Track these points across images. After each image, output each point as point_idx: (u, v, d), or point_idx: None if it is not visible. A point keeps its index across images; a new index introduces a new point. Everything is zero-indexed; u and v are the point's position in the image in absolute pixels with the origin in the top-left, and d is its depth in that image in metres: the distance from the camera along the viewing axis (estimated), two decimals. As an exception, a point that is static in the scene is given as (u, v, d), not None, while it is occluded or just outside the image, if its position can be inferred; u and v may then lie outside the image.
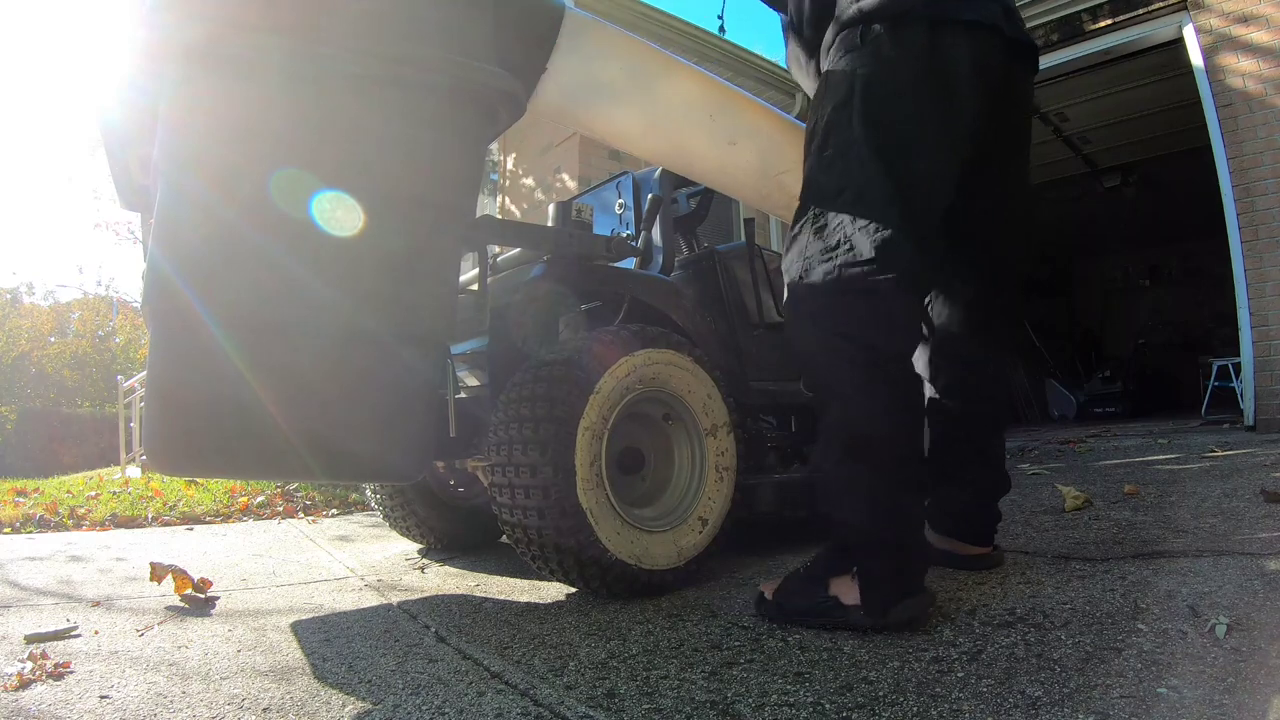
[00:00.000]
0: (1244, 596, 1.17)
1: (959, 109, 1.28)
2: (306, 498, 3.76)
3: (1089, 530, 1.80)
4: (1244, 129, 4.04)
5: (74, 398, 16.66)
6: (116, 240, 21.23)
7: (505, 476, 1.51)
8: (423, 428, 1.35)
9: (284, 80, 1.19)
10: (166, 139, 1.21)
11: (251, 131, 1.19)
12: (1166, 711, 0.83)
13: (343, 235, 1.18)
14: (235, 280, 1.17)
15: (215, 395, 1.16)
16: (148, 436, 1.24)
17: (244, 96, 1.19)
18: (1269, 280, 3.99)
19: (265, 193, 1.15)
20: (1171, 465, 2.87)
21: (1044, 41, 4.81)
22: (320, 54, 1.19)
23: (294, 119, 1.20)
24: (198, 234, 1.17)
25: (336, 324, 1.20)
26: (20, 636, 1.39)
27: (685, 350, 1.69)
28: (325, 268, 1.19)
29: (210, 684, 1.14)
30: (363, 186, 1.21)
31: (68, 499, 3.72)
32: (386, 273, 1.24)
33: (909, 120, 1.26)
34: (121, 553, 2.46)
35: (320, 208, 1.17)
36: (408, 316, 1.27)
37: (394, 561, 2.24)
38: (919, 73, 1.26)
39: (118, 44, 1.29)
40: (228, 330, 1.15)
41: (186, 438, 1.20)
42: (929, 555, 1.32)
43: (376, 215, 1.21)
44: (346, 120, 1.22)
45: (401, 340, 1.26)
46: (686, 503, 1.69)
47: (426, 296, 1.29)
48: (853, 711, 0.90)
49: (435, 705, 1.02)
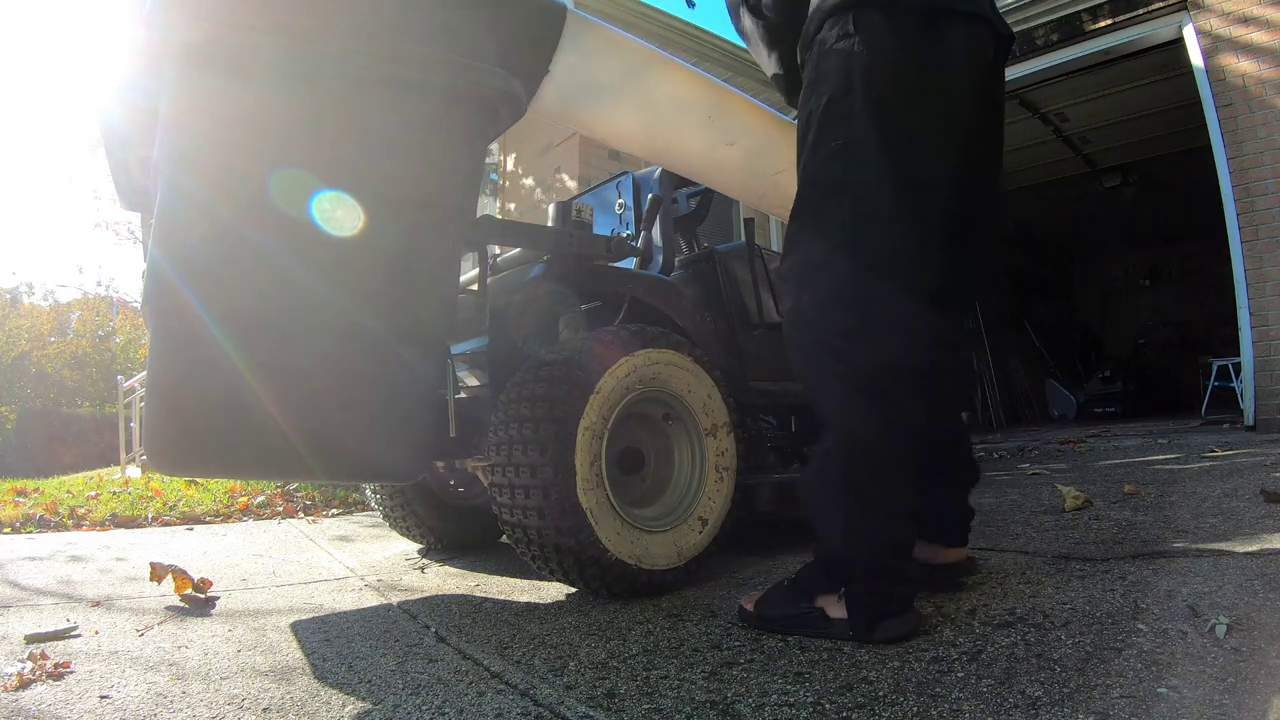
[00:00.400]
0: (1244, 596, 1.17)
1: (958, 105, 1.23)
2: (306, 498, 3.76)
3: (1089, 530, 1.80)
4: (1244, 129, 4.05)
5: (74, 398, 16.66)
6: (116, 240, 21.25)
7: (505, 476, 1.51)
8: (423, 428, 1.35)
9: (283, 80, 1.19)
10: (166, 139, 1.21)
11: (252, 131, 1.19)
12: (1166, 711, 0.83)
13: (343, 235, 1.18)
14: (235, 280, 1.17)
15: (216, 395, 1.16)
16: (148, 436, 1.24)
17: (243, 96, 1.19)
18: (1269, 280, 3.99)
19: (266, 193, 1.15)
20: (1171, 465, 2.87)
21: (1044, 41, 4.81)
22: (320, 54, 1.19)
23: (293, 119, 1.20)
24: (197, 234, 1.17)
25: (338, 324, 1.20)
26: (20, 636, 1.39)
27: (685, 350, 1.69)
28: (326, 268, 1.19)
29: (210, 684, 1.14)
30: (363, 186, 1.21)
31: (68, 499, 3.72)
32: (387, 273, 1.24)
33: (913, 116, 1.20)
34: (121, 553, 2.46)
35: (321, 208, 1.17)
36: (408, 317, 1.27)
37: (394, 561, 2.24)
38: (919, 66, 1.20)
39: (117, 44, 1.29)
40: (228, 330, 1.15)
41: (186, 437, 1.20)
42: (918, 576, 1.25)
43: (376, 215, 1.21)
44: (346, 120, 1.22)
45: (402, 340, 1.26)
46: (686, 503, 1.69)
47: (427, 297, 1.29)
48: (853, 711, 0.90)
49: (435, 705, 1.02)
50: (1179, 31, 4.39)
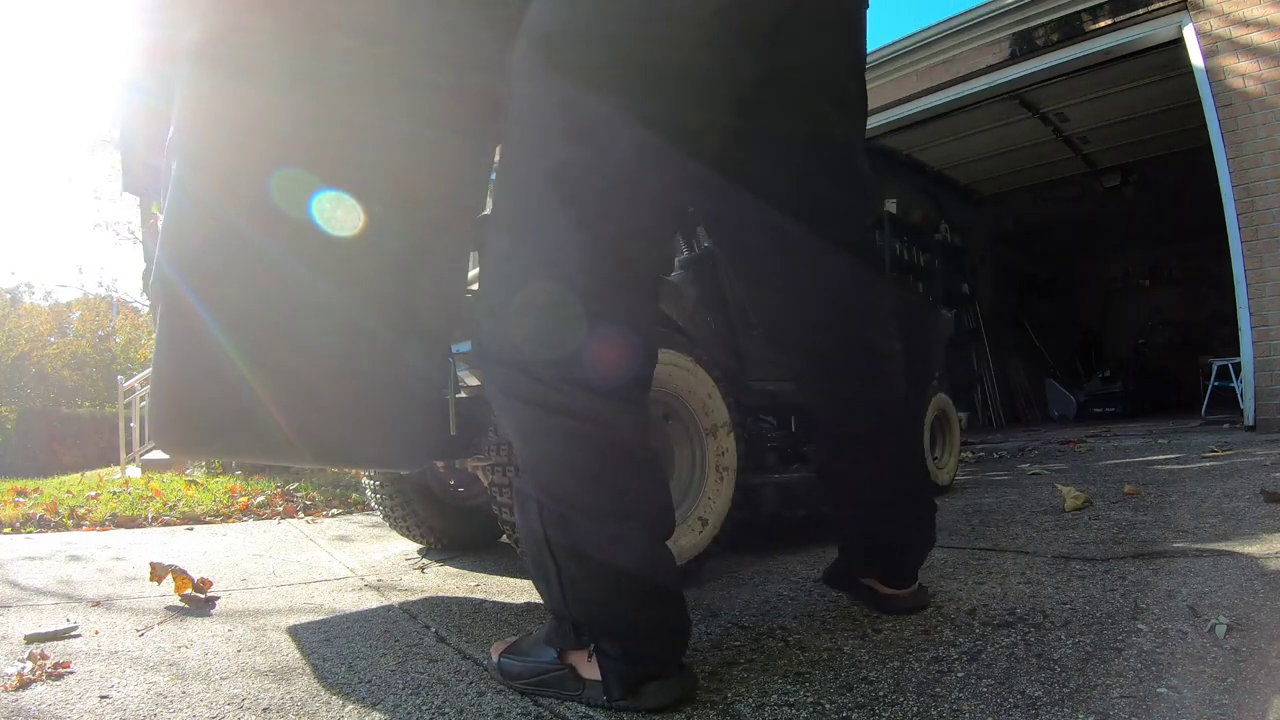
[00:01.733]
0: (1244, 596, 1.17)
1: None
2: (306, 498, 3.76)
3: (1089, 530, 1.80)
4: (1244, 129, 4.05)
5: (74, 398, 16.66)
6: (116, 240, 21.23)
7: (505, 476, 1.51)
8: (424, 417, 1.34)
9: (289, 79, 1.19)
10: (175, 139, 1.21)
11: (257, 131, 1.19)
12: (1166, 711, 0.83)
13: (352, 234, 1.18)
14: (240, 278, 1.17)
15: (219, 389, 1.16)
16: (152, 417, 1.24)
17: (249, 96, 1.19)
18: (1269, 280, 3.99)
19: (269, 192, 1.15)
20: (1171, 465, 2.87)
21: (1044, 41, 4.82)
22: (325, 52, 1.19)
23: (298, 118, 1.20)
24: (203, 233, 1.17)
25: (344, 319, 1.20)
26: (20, 636, 1.39)
27: (685, 350, 1.69)
28: (333, 267, 1.19)
29: (210, 684, 1.14)
30: (372, 186, 1.21)
31: (68, 499, 3.72)
32: (394, 272, 1.24)
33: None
34: (121, 553, 2.46)
35: (327, 207, 1.17)
36: (414, 314, 1.27)
37: (394, 561, 2.24)
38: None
39: (123, 44, 1.29)
40: (232, 329, 1.15)
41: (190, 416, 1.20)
42: (686, 624, 1.00)
43: (387, 214, 1.20)
44: (351, 119, 1.22)
45: (405, 334, 1.26)
46: (686, 503, 1.69)
47: (434, 296, 1.29)
48: (853, 711, 0.90)
49: (435, 705, 1.02)
50: (1179, 32, 4.39)
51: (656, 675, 0.95)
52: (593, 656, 0.97)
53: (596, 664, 0.96)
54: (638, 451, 0.98)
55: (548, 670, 1.01)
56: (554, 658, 1.01)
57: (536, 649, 1.05)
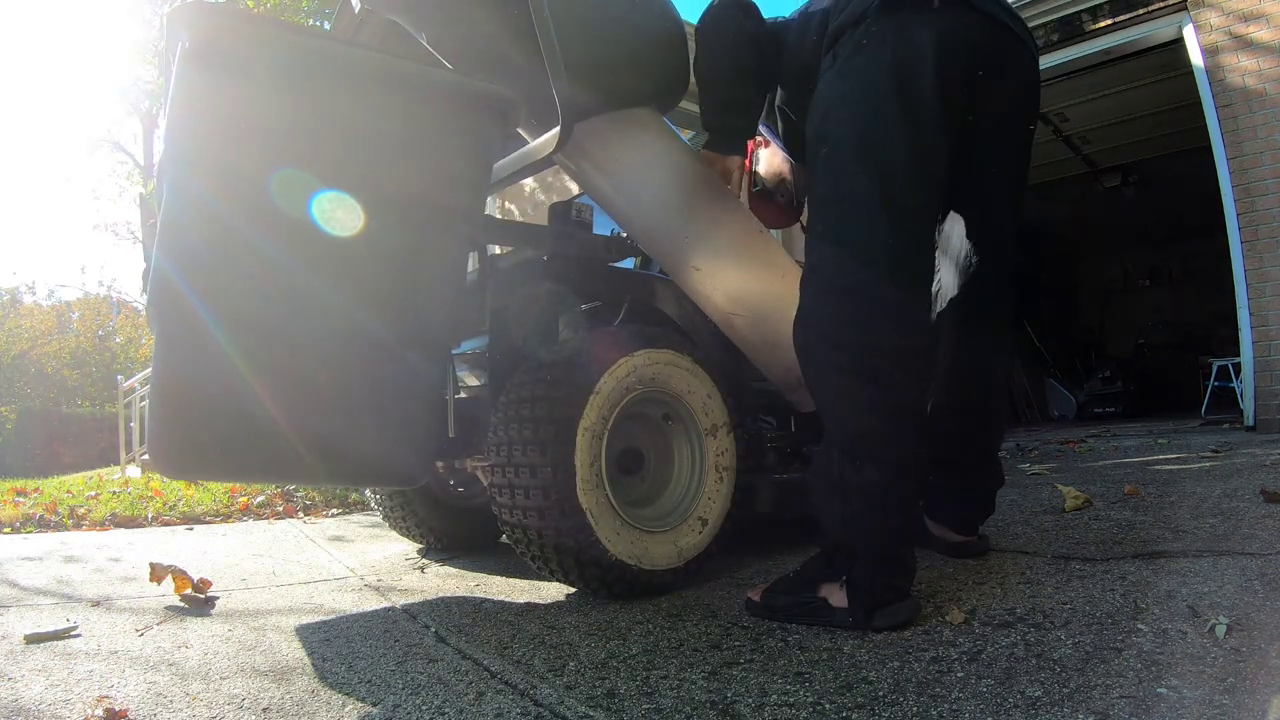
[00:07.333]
0: (1244, 596, 1.17)
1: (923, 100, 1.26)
2: (306, 498, 3.76)
3: (1089, 530, 1.80)
4: (1244, 129, 4.04)
5: (74, 397, 16.65)
6: (116, 240, 21.23)
7: (505, 477, 1.51)
8: (426, 431, 1.34)
9: (287, 81, 1.19)
10: (170, 140, 1.21)
11: (255, 133, 1.19)
12: (1166, 711, 0.83)
13: (349, 236, 1.18)
14: (239, 282, 1.16)
15: (219, 399, 1.16)
16: (152, 439, 1.24)
17: (246, 97, 1.18)
18: (1269, 280, 3.99)
19: (269, 195, 1.15)
20: (1171, 465, 2.87)
21: (1044, 41, 4.81)
22: (324, 53, 1.19)
23: (296, 120, 1.20)
24: (199, 235, 1.17)
25: (345, 327, 1.20)
26: (20, 636, 1.39)
27: (685, 350, 1.69)
28: (331, 269, 1.19)
29: (210, 684, 1.14)
30: (371, 188, 1.20)
31: (68, 499, 3.72)
32: (391, 275, 1.24)
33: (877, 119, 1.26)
34: (121, 553, 2.46)
35: (326, 209, 1.17)
36: (413, 319, 1.27)
37: (394, 561, 2.24)
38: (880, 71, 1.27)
39: (119, 44, 1.29)
40: (231, 333, 1.15)
41: (190, 440, 1.20)
42: (914, 564, 1.27)
43: (383, 217, 1.20)
44: (350, 121, 1.22)
45: (407, 343, 1.26)
46: (686, 503, 1.69)
47: (432, 299, 1.29)
48: (853, 711, 0.90)
49: (435, 705, 1.02)
50: (1179, 31, 4.39)
51: (890, 600, 1.19)
52: (843, 587, 1.21)
53: (845, 594, 1.21)
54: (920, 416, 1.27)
55: (809, 601, 1.25)
56: (812, 593, 1.25)
57: (794, 586, 1.30)
